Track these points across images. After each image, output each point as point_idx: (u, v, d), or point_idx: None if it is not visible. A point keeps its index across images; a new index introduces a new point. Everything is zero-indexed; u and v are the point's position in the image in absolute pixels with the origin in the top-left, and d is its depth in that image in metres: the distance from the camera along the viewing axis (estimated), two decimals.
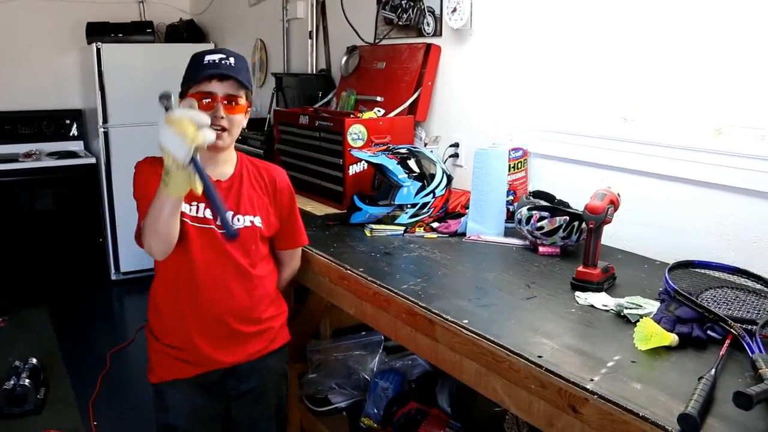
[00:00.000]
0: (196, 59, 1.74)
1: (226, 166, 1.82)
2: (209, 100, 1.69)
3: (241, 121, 1.76)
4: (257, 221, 1.82)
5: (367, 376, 2.62)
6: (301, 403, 2.61)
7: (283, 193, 1.90)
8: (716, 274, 1.64)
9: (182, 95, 1.74)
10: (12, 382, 3.11)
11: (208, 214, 1.73)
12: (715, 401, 1.09)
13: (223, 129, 1.71)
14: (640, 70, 2.04)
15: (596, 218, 1.64)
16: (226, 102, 1.71)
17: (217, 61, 1.71)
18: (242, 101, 1.75)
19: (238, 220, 1.79)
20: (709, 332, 1.33)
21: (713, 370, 1.15)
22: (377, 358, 2.67)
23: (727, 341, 1.28)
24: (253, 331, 1.85)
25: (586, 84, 2.22)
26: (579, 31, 2.21)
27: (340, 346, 2.77)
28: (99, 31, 4.92)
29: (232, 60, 1.74)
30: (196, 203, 1.73)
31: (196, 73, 1.71)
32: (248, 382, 1.90)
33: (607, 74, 2.14)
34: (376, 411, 2.44)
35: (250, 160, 1.90)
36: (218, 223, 1.70)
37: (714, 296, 1.49)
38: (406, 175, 2.20)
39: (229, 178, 1.81)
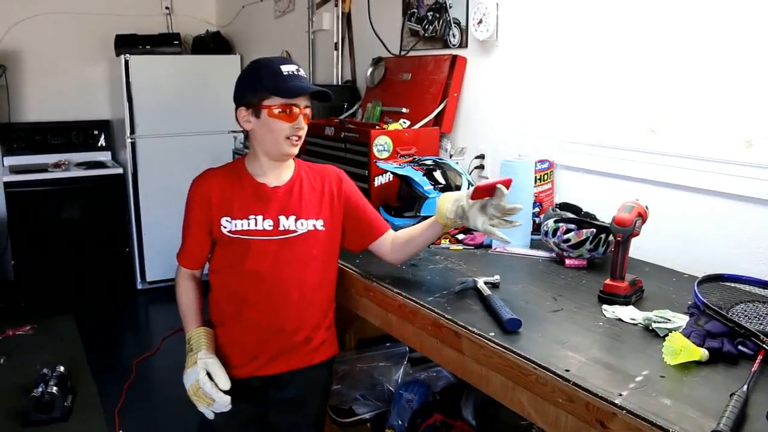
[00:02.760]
0: (272, 69, 1.75)
1: (287, 170, 1.86)
2: (294, 111, 1.75)
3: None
4: (319, 225, 1.83)
5: (391, 388, 2.61)
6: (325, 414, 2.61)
7: (351, 187, 1.93)
8: (747, 288, 1.61)
9: (252, 100, 1.75)
10: (40, 389, 3.14)
11: (287, 224, 1.79)
12: (747, 418, 1.07)
13: (299, 138, 1.78)
14: (667, 80, 2.02)
15: (624, 231, 1.62)
16: (305, 114, 1.78)
17: (295, 73, 1.76)
18: (309, 111, 1.81)
19: (302, 224, 1.80)
20: (740, 347, 1.31)
21: (745, 387, 1.13)
22: (402, 370, 2.66)
23: (760, 357, 1.26)
24: (299, 341, 1.85)
25: (613, 95, 2.20)
26: (605, 42, 2.20)
27: (365, 358, 2.77)
28: (127, 43, 5.00)
29: (302, 71, 1.79)
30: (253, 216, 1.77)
31: (282, 84, 1.73)
32: (289, 390, 1.90)
33: (634, 85, 2.12)
34: (400, 422, 2.43)
35: (306, 164, 1.92)
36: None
37: (745, 311, 1.47)
38: (432, 187, 2.20)
39: (288, 181, 1.84)
